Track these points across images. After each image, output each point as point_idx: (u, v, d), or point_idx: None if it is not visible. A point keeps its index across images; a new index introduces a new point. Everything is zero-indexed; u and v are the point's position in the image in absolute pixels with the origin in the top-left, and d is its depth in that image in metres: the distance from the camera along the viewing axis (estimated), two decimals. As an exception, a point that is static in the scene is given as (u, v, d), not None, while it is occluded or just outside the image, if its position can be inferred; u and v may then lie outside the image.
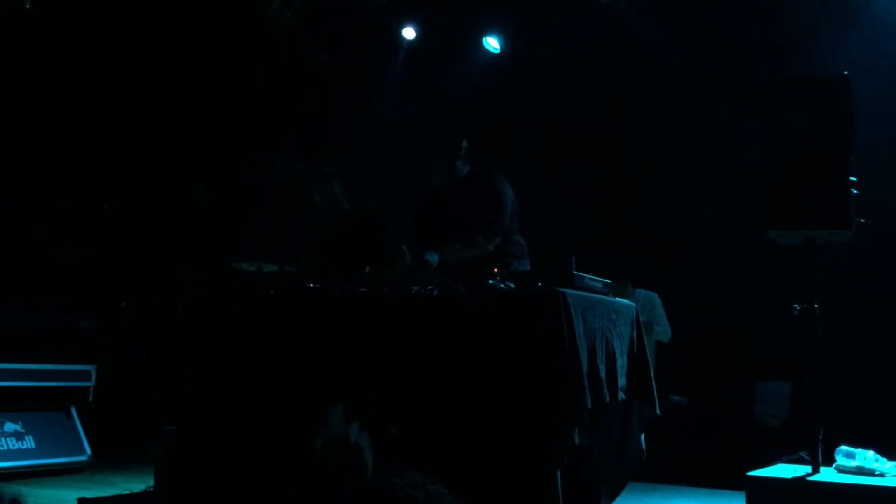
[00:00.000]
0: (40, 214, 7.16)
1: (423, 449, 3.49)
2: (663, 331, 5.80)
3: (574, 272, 3.71)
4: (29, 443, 5.63)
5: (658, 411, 3.98)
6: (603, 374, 3.60)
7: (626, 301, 4.08)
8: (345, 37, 7.82)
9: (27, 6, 7.04)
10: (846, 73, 3.93)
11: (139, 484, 4.97)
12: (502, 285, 3.65)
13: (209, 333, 4.37)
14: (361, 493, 1.82)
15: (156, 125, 7.94)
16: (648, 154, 6.57)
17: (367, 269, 4.18)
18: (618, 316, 3.88)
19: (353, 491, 1.84)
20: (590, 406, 3.41)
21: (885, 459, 3.74)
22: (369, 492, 1.79)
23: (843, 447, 3.82)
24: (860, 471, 3.69)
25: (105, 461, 6.07)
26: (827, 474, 3.74)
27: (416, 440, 3.55)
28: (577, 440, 3.35)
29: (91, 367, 6.16)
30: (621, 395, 3.76)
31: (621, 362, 3.81)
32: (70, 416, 5.99)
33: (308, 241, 4.96)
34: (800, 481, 3.63)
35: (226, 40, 8.08)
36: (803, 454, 3.89)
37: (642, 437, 4.05)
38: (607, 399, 3.61)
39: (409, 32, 7.74)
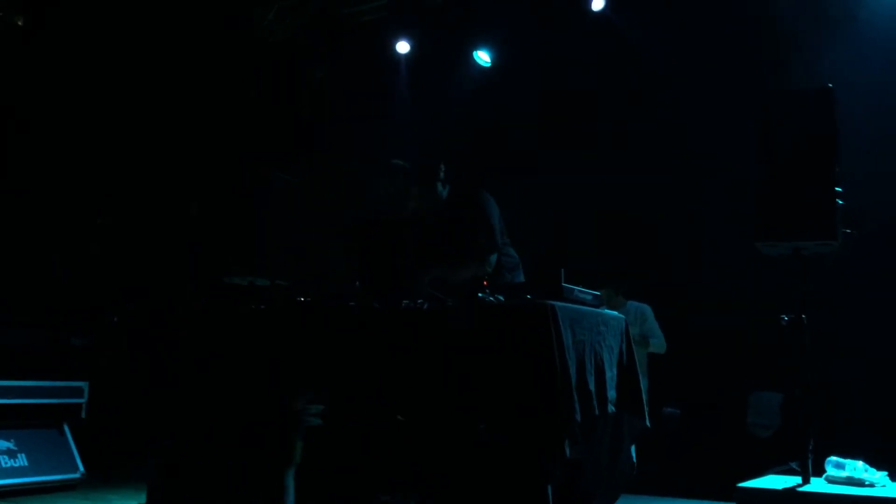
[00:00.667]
0: (32, 231, 7.16)
1: (413, 464, 3.50)
2: (658, 342, 5.80)
3: (563, 284, 3.72)
4: (21, 461, 5.61)
5: (648, 423, 3.98)
6: (592, 387, 3.59)
7: (615, 313, 4.08)
8: (338, 52, 7.85)
9: (19, 23, 7.07)
10: (830, 85, 3.96)
11: (132, 501, 4.96)
12: (491, 298, 3.66)
13: (203, 349, 4.38)
14: None
15: (148, 141, 7.96)
16: (639, 166, 6.58)
17: (357, 284, 4.20)
18: (607, 328, 3.88)
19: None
20: (579, 419, 3.40)
21: (874, 469, 3.73)
22: None
23: (833, 458, 3.83)
24: (850, 481, 3.70)
25: (98, 478, 6.05)
26: (817, 485, 3.74)
27: (405, 455, 3.56)
28: (568, 453, 3.35)
29: (84, 384, 6.15)
30: (611, 408, 3.76)
31: (610, 374, 3.81)
32: (63, 433, 5.98)
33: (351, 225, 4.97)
34: (790, 492, 3.62)
35: (219, 55, 8.12)
36: (794, 465, 3.89)
37: (633, 449, 4.05)
38: (597, 412, 3.61)
39: (402, 47, 7.78)
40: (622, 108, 6.78)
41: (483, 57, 7.53)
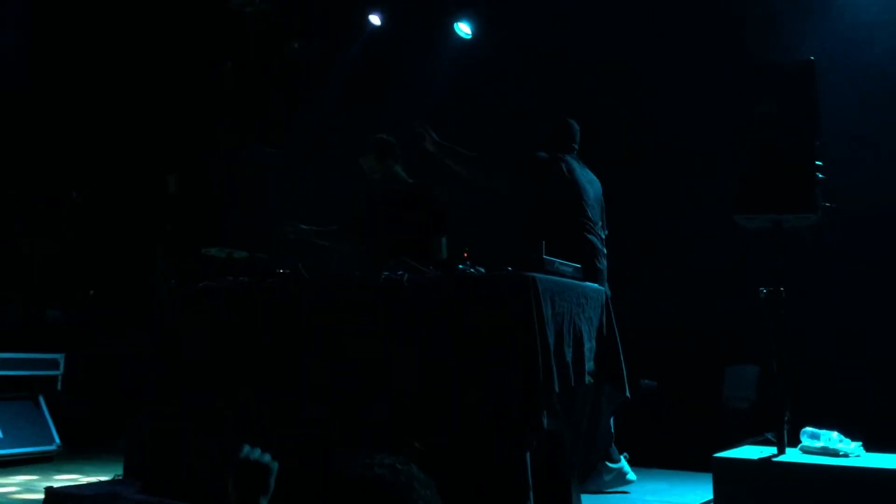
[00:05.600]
0: (8, 205, 7.07)
1: (391, 432, 3.50)
2: None
3: (544, 256, 3.72)
4: (-4, 433, 5.58)
5: (628, 394, 4.02)
6: (569, 358, 3.62)
7: (596, 285, 4.09)
8: (314, 22, 7.77)
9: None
10: (812, 58, 3.97)
11: (108, 473, 4.94)
12: (472, 270, 3.66)
13: (181, 321, 4.35)
14: (331, 473, 1.81)
15: (125, 114, 7.87)
16: (616, 141, 6.56)
17: (336, 259, 4.19)
18: (587, 300, 3.90)
19: (321, 471, 1.84)
20: (557, 390, 3.42)
21: (848, 440, 3.79)
22: (340, 471, 1.79)
23: (808, 428, 3.87)
24: (825, 451, 3.74)
25: (74, 450, 6.03)
26: (792, 455, 3.79)
27: (384, 424, 3.57)
28: (545, 424, 3.37)
29: (59, 356, 6.11)
30: (588, 379, 3.79)
31: (589, 346, 3.83)
32: (38, 405, 5.94)
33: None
34: (766, 462, 3.67)
35: (194, 27, 8.01)
36: (769, 435, 3.93)
37: (611, 420, 4.08)
38: (573, 383, 3.63)
39: (374, 19, 7.68)
40: (597, 85, 6.73)
41: (464, 29, 7.45)
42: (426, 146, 4.50)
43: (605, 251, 4.72)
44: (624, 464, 4.48)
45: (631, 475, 4.50)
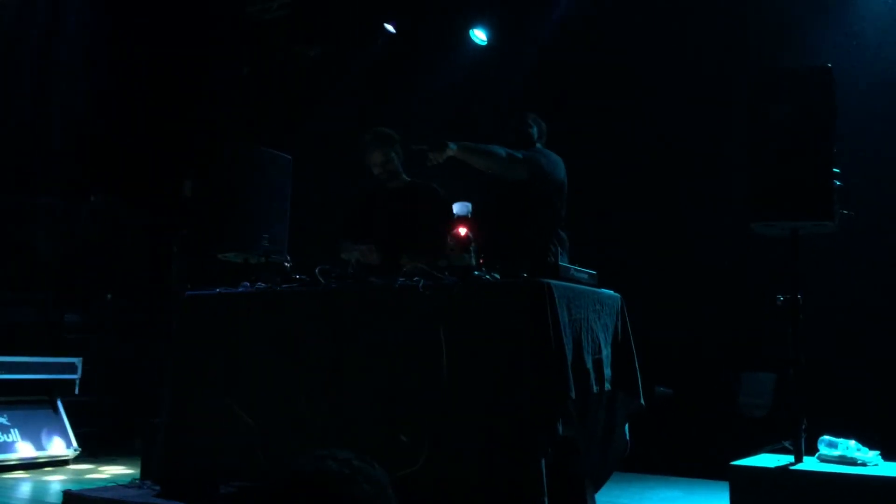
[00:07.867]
0: (26, 209, 7.13)
1: (406, 438, 3.51)
2: None
3: (560, 263, 3.72)
4: (14, 436, 5.62)
5: (643, 402, 4.00)
6: (589, 365, 3.61)
7: (611, 292, 4.09)
8: (331, 29, 7.79)
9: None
10: (829, 64, 3.95)
11: (126, 477, 4.98)
12: (487, 276, 3.66)
13: (197, 326, 4.37)
14: (291, 471, 1.86)
15: (141, 119, 7.92)
16: (629, 146, 6.54)
17: (353, 262, 4.20)
18: (602, 306, 3.90)
19: (286, 469, 1.89)
20: (574, 397, 3.42)
21: (866, 449, 3.76)
22: (298, 469, 1.84)
23: (826, 437, 3.85)
24: (842, 460, 3.72)
25: (91, 454, 6.07)
26: (810, 464, 3.77)
27: (397, 429, 3.57)
28: (561, 431, 3.36)
29: (77, 360, 6.16)
30: (607, 386, 3.78)
31: (606, 353, 3.83)
32: (56, 408, 5.99)
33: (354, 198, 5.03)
34: (783, 470, 3.65)
35: (212, 32, 8.06)
36: (786, 444, 3.91)
37: (626, 427, 4.07)
38: (595, 389, 3.63)
39: (389, 28, 7.68)
40: (611, 89, 6.71)
41: (479, 35, 7.44)
42: (433, 161, 4.38)
43: None
44: None
45: None
